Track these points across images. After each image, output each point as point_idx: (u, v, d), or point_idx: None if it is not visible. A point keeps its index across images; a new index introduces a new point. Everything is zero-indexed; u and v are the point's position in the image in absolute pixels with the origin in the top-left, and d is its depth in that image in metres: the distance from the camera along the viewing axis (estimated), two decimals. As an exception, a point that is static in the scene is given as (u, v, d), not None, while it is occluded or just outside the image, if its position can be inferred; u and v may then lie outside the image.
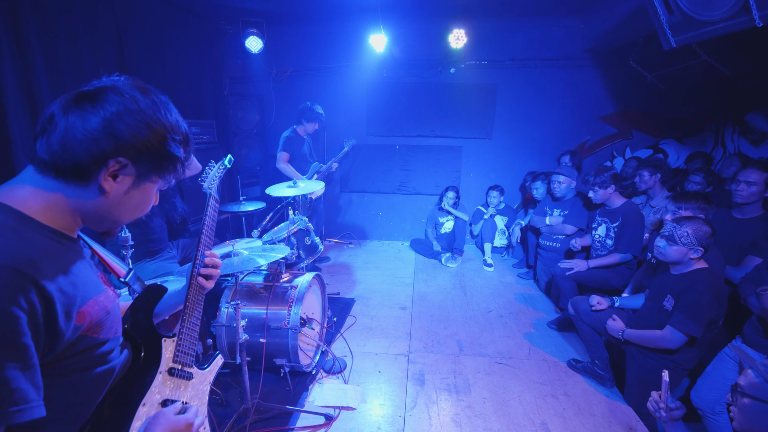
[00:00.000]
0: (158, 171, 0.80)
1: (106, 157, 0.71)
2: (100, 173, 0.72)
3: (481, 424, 2.15)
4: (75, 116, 0.70)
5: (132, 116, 0.73)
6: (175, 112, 0.82)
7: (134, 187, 0.78)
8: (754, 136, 4.12)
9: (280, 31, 4.64)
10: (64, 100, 0.72)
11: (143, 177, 0.78)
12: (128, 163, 0.74)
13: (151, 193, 0.83)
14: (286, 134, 3.99)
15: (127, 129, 0.72)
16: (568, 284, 3.15)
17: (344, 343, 2.84)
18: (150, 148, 0.76)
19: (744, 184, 2.47)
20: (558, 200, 3.68)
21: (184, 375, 1.00)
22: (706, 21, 2.06)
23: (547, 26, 4.46)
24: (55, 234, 0.73)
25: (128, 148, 0.73)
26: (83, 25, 2.77)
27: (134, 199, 0.80)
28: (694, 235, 1.99)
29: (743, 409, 1.14)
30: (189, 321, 1.06)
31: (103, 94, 0.72)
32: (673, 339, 2.00)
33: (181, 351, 1.01)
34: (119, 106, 0.72)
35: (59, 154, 0.69)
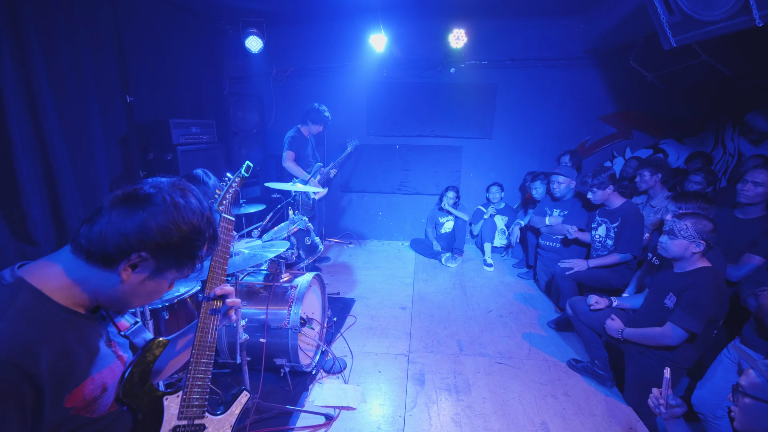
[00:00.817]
0: (177, 267, 0.87)
1: (131, 251, 0.80)
2: (121, 263, 0.80)
3: (481, 424, 2.15)
4: (117, 214, 0.80)
5: (165, 218, 0.81)
6: (207, 207, 0.90)
7: (150, 278, 0.85)
8: (754, 136, 4.12)
9: (280, 31, 4.64)
10: (115, 196, 0.82)
11: (161, 270, 0.85)
12: (149, 257, 0.81)
13: (165, 284, 0.89)
14: (291, 134, 3.98)
15: (156, 229, 0.80)
16: (568, 284, 3.15)
17: (344, 343, 2.84)
18: (173, 247, 0.83)
19: (751, 184, 2.44)
20: (557, 200, 3.68)
21: (193, 429, 0.94)
22: (706, 21, 2.06)
23: (546, 26, 4.46)
24: (68, 312, 0.80)
25: (153, 245, 0.81)
26: (83, 25, 2.77)
27: (148, 288, 0.86)
28: (693, 228, 1.99)
29: (744, 409, 1.14)
30: (197, 370, 0.98)
31: (147, 197, 0.82)
32: (673, 335, 1.99)
33: (188, 405, 0.95)
34: (157, 209, 0.81)
35: (94, 243, 0.79)
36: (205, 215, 0.88)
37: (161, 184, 0.85)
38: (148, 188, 0.83)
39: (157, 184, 0.85)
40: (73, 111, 2.70)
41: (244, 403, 1.08)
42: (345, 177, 5.23)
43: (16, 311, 0.72)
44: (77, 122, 2.74)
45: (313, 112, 3.96)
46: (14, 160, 2.31)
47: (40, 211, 2.48)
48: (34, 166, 2.45)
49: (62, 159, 2.61)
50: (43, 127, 2.48)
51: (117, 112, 3.13)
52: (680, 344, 2.01)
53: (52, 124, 2.52)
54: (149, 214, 0.80)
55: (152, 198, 0.82)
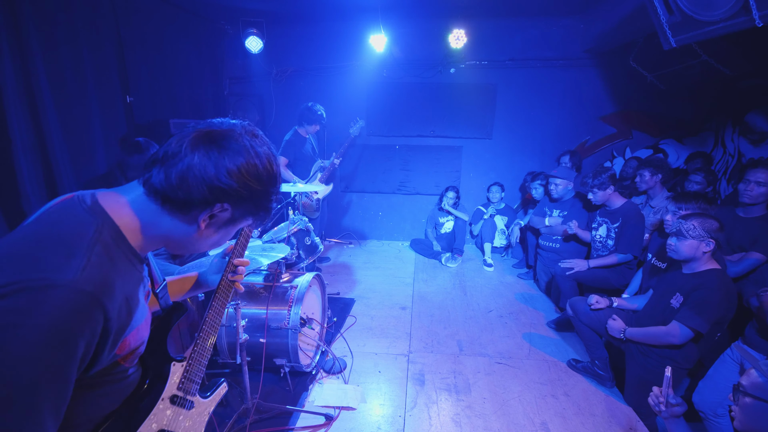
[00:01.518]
0: (250, 216, 0.83)
1: (215, 201, 0.74)
2: (203, 213, 0.75)
3: (481, 424, 2.15)
4: (201, 157, 0.72)
5: (251, 169, 0.75)
6: (277, 161, 0.84)
7: (223, 227, 0.82)
8: (754, 136, 4.12)
9: (280, 31, 4.64)
10: (193, 136, 0.74)
11: (236, 219, 0.81)
12: (229, 208, 0.77)
13: (233, 231, 0.86)
14: (287, 137, 3.93)
15: (242, 180, 0.75)
16: (568, 284, 3.15)
17: (344, 343, 2.84)
18: (254, 199, 0.79)
19: (754, 183, 2.43)
20: (556, 201, 3.68)
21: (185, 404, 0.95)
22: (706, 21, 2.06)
23: (546, 26, 4.46)
24: (134, 255, 0.76)
25: (235, 196, 0.75)
26: (83, 25, 2.77)
27: (219, 235, 0.84)
28: (701, 227, 1.97)
29: (745, 409, 1.14)
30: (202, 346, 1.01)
31: (227, 142, 0.74)
32: (679, 334, 1.98)
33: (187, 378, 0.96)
34: (243, 158, 0.74)
35: (174, 188, 0.72)
36: (276, 163, 0.82)
37: (236, 126, 0.78)
38: (227, 128, 0.76)
39: (233, 126, 0.78)
40: (73, 111, 2.69)
41: (222, 394, 1.11)
42: (345, 177, 5.23)
43: (103, 247, 0.68)
44: (77, 122, 2.74)
45: (306, 112, 3.89)
46: (14, 160, 2.31)
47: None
48: (34, 166, 2.45)
49: (62, 159, 2.60)
50: (43, 127, 2.48)
51: (117, 112, 3.13)
52: (684, 344, 2.01)
53: (52, 124, 2.52)
54: (232, 160, 0.73)
55: (234, 142, 0.75)
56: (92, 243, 0.67)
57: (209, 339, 1.02)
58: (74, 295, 0.61)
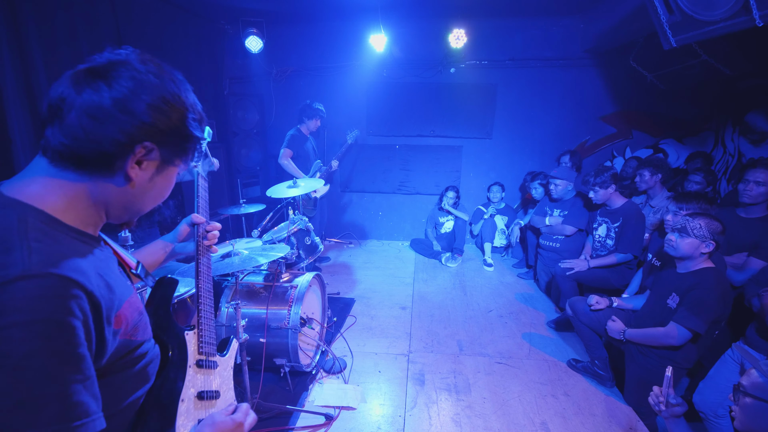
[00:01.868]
0: (181, 154, 0.76)
1: (133, 142, 0.66)
2: (126, 161, 0.67)
3: (481, 424, 2.15)
4: (91, 96, 0.62)
5: (152, 94, 0.66)
6: (189, 88, 0.76)
7: (158, 172, 0.74)
8: (754, 136, 4.12)
9: (280, 31, 4.64)
10: (73, 78, 0.64)
11: (167, 161, 0.74)
12: (154, 147, 0.69)
13: (173, 177, 0.79)
14: (291, 132, 4.00)
15: (150, 109, 0.66)
16: (568, 284, 3.15)
17: (344, 343, 2.84)
18: (174, 129, 0.71)
19: (753, 183, 2.43)
20: (557, 201, 3.68)
21: (210, 365, 1.00)
22: (706, 21, 2.06)
23: (546, 26, 4.46)
24: (81, 234, 0.68)
25: (154, 131, 0.67)
26: (83, 24, 2.77)
27: (158, 186, 0.76)
28: (707, 228, 1.97)
29: (745, 409, 1.14)
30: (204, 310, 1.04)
31: (116, 71, 0.65)
32: (677, 335, 1.98)
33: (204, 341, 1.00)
34: (137, 84, 0.65)
35: (81, 142, 0.63)
36: (189, 90, 0.75)
37: (129, 55, 0.68)
38: (111, 58, 0.66)
39: (121, 54, 0.68)
40: (73, 111, 2.69)
41: (236, 347, 1.19)
42: (345, 177, 5.23)
43: (39, 232, 0.60)
44: (77, 122, 2.73)
45: (306, 108, 4.01)
46: (14, 160, 2.31)
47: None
48: (34, 166, 2.45)
49: (62, 159, 2.60)
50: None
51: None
52: (683, 345, 2.01)
53: (52, 124, 2.52)
54: (131, 91, 0.64)
55: (121, 70, 0.65)
56: (22, 232, 0.59)
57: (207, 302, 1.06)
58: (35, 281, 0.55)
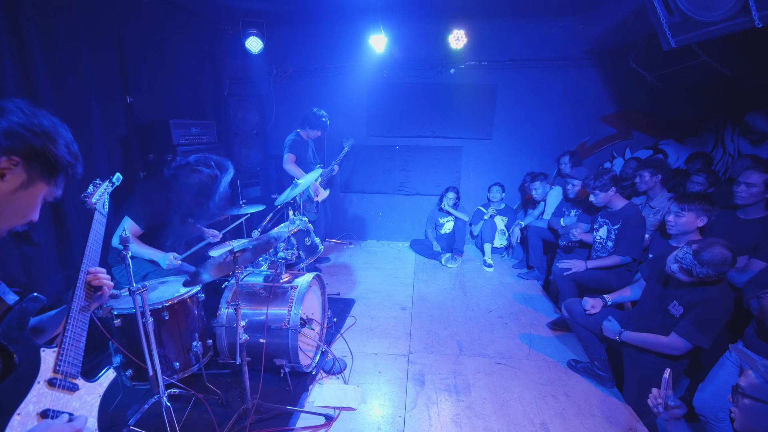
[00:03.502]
0: (48, 175, 0.86)
1: None
2: None
3: (481, 425, 2.15)
4: None
5: (23, 120, 0.81)
6: (66, 130, 0.92)
7: (21, 188, 0.83)
8: (754, 136, 4.12)
9: (280, 31, 4.64)
10: None
11: (32, 181, 0.84)
12: (20, 161, 0.80)
13: (37, 198, 0.88)
14: (291, 137, 3.97)
15: (19, 131, 0.80)
16: (566, 284, 3.14)
17: (344, 344, 2.84)
18: (39, 153, 0.82)
19: (744, 185, 2.47)
20: (572, 201, 3.73)
21: (68, 386, 0.99)
22: (706, 21, 2.06)
23: (546, 26, 4.46)
24: None
25: (20, 149, 0.79)
26: (83, 25, 2.77)
27: (19, 201, 0.84)
28: (714, 273, 1.88)
29: (744, 410, 1.14)
30: (72, 332, 1.04)
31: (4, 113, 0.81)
32: (679, 347, 1.98)
33: (64, 361, 0.99)
34: (13, 114, 0.82)
35: None
36: (57, 125, 0.90)
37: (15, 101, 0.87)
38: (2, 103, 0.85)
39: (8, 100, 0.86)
40: (73, 111, 2.69)
41: (111, 378, 1.16)
42: (345, 178, 5.23)
43: None
44: (77, 122, 2.73)
45: (311, 117, 3.96)
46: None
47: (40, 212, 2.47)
48: (34, 167, 2.45)
49: (62, 159, 2.60)
50: (43, 128, 2.48)
51: (117, 112, 3.13)
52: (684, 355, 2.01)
53: (52, 125, 2.52)
54: (5, 118, 0.80)
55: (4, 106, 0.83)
56: None
57: (76, 324, 1.06)
58: None
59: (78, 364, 1.04)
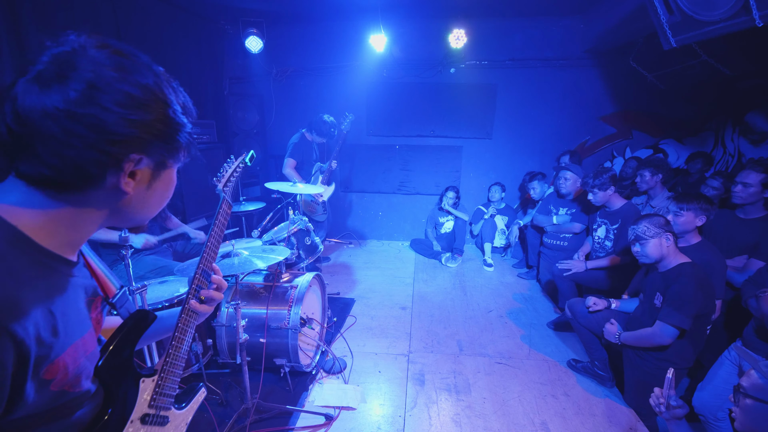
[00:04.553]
0: (173, 153, 0.68)
1: (119, 158, 0.59)
2: (118, 177, 0.60)
3: (481, 424, 2.15)
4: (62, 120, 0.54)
5: (122, 98, 0.57)
6: (164, 75, 0.66)
7: (154, 178, 0.68)
8: (754, 136, 4.12)
9: (280, 31, 4.64)
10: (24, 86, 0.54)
11: (161, 165, 0.67)
12: (142, 157, 0.62)
13: (172, 177, 0.73)
14: (294, 140, 3.91)
15: (123, 118, 0.57)
16: (566, 284, 3.14)
17: (344, 343, 2.84)
18: (157, 132, 0.62)
19: (741, 185, 2.48)
20: (563, 198, 3.67)
21: (158, 421, 0.84)
22: (706, 21, 2.06)
23: (547, 26, 4.46)
24: (51, 258, 0.61)
25: (135, 140, 0.59)
26: (83, 24, 2.77)
27: (158, 191, 0.70)
28: (652, 225, 2.09)
29: (745, 410, 1.14)
30: (175, 356, 0.89)
31: (75, 71, 0.55)
32: (663, 333, 2.00)
33: (160, 393, 0.85)
34: (102, 86, 0.55)
35: (62, 171, 0.56)
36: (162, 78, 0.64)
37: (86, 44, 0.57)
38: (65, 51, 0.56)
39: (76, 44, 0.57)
40: (73, 111, 2.69)
41: (200, 400, 1.02)
42: (345, 177, 5.23)
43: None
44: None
45: (320, 124, 3.85)
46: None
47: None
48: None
49: (62, 159, 2.60)
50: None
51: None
52: (673, 342, 2.02)
53: (52, 124, 2.52)
54: (99, 107, 0.55)
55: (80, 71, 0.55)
56: None
57: (181, 346, 0.90)
58: None
59: (173, 394, 0.88)
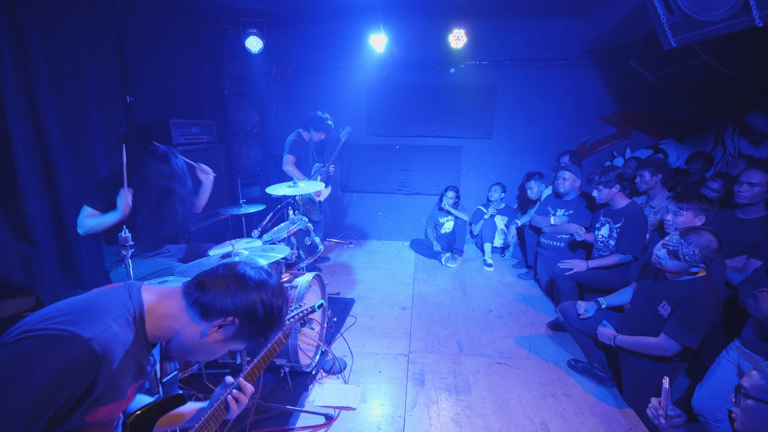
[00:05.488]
0: (249, 338, 0.99)
1: (227, 314, 0.94)
2: (214, 321, 0.94)
3: (481, 424, 2.15)
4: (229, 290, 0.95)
5: (261, 300, 0.96)
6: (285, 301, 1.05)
7: (224, 341, 0.96)
8: (754, 136, 4.12)
9: (280, 31, 4.64)
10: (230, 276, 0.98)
11: (237, 337, 0.97)
12: (237, 324, 0.95)
13: (228, 348, 1.01)
14: (292, 138, 3.95)
15: (253, 306, 0.95)
16: (567, 284, 3.14)
17: (344, 343, 2.84)
18: (257, 322, 0.96)
19: (747, 185, 2.45)
20: (561, 198, 3.64)
21: None
22: (706, 21, 2.06)
23: (547, 26, 4.46)
24: (144, 338, 0.90)
25: (244, 316, 0.94)
26: (83, 24, 2.77)
27: (217, 348, 0.98)
28: (700, 255, 1.88)
29: (747, 411, 1.12)
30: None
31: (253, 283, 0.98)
32: (670, 348, 1.97)
33: None
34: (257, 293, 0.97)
35: (203, 300, 0.94)
36: (284, 308, 1.02)
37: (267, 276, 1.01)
38: (256, 275, 0.99)
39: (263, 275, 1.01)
40: (73, 111, 2.69)
41: None
42: (345, 177, 5.23)
43: (124, 322, 0.85)
44: (77, 122, 2.73)
45: (316, 120, 3.94)
46: (14, 160, 2.30)
47: (40, 212, 2.47)
48: (34, 166, 2.45)
49: (62, 159, 2.60)
50: (43, 127, 2.48)
51: (117, 112, 3.12)
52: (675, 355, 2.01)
53: (52, 124, 2.52)
54: (250, 295, 0.95)
55: (258, 283, 0.97)
56: (118, 316, 0.84)
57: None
58: (85, 349, 0.74)
59: None
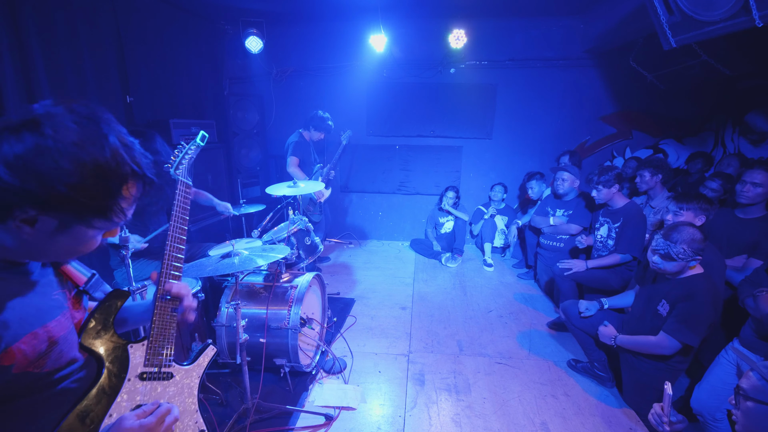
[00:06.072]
0: (85, 221, 0.71)
1: (11, 206, 0.64)
2: (8, 221, 0.66)
3: (481, 424, 2.15)
4: None
5: (46, 159, 0.63)
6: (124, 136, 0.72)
7: (60, 231, 0.70)
8: (754, 136, 4.12)
9: (280, 31, 4.64)
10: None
11: (68, 224, 0.70)
12: (36, 214, 0.66)
13: (85, 235, 0.74)
14: (293, 139, 3.96)
15: (35, 178, 0.63)
16: (567, 284, 3.14)
17: (344, 343, 2.84)
18: (70, 200, 0.66)
19: (750, 185, 2.44)
20: (560, 198, 3.65)
21: (161, 376, 0.96)
22: (706, 21, 2.06)
23: (547, 26, 4.46)
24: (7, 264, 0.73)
25: (36, 200, 0.64)
26: (83, 24, 2.77)
27: (64, 242, 0.72)
28: (690, 249, 1.93)
29: (747, 413, 1.12)
30: (160, 321, 0.98)
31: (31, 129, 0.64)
32: (669, 346, 1.97)
33: (154, 353, 0.95)
34: (30, 146, 0.62)
35: None
36: (113, 147, 0.69)
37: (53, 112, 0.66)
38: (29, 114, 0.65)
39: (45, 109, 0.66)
40: (73, 111, 2.69)
41: (211, 356, 1.11)
42: (345, 178, 5.23)
43: None
44: (77, 122, 2.73)
45: (316, 119, 3.95)
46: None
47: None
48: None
49: (62, 159, 2.60)
50: (43, 127, 2.48)
51: (117, 112, 3.13)
52: (675, 354, 2.01)
53: (52, 124, 2.52)
54: (18, 156, 0.62)
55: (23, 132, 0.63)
56: None
57: (167, 311, 0.99)
58: None
59: (170, 351, 0.99)
